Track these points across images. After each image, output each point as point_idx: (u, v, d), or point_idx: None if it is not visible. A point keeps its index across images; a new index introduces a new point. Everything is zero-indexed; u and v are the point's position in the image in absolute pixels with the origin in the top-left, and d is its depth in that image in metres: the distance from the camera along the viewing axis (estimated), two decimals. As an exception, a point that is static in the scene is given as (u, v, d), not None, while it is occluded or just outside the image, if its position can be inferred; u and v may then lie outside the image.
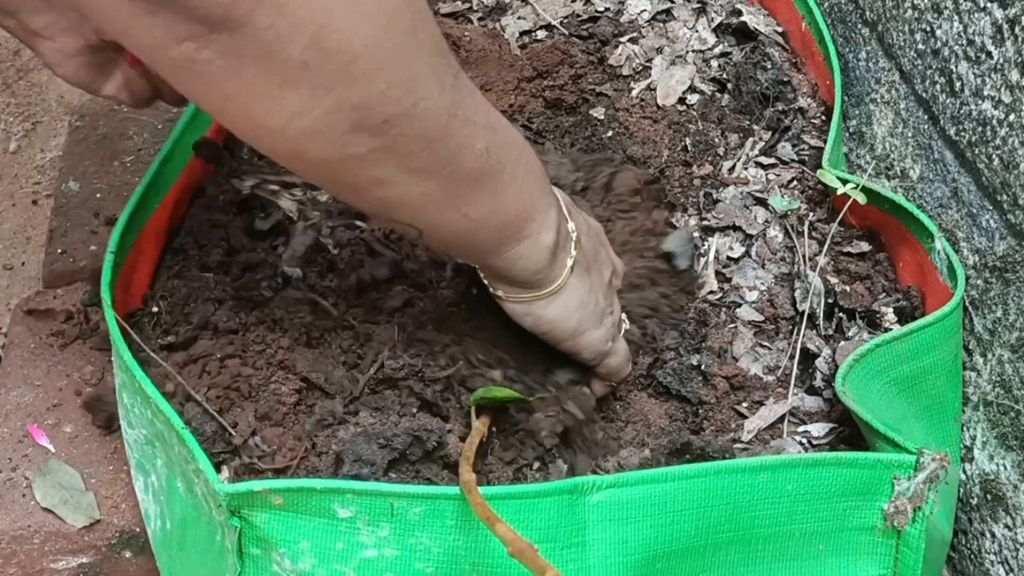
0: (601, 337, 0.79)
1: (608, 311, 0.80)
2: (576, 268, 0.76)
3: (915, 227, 0.88)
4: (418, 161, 0.65)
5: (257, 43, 0.55)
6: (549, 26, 1.17)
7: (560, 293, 0.76)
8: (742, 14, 1.11)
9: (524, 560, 0.59)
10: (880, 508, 0.72)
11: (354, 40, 0.58)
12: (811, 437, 0.83)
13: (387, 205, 0.68)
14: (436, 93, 0.63)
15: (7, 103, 1.41)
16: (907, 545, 0.72)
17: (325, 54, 0.57)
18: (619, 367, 0.83)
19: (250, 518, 0.67)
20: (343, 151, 0.62)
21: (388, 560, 0.66)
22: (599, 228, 0.85)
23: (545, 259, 0.73)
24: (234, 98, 0.59)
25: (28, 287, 1.16)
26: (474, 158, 0.67)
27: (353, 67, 0.58)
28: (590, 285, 0.78)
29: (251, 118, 0.60)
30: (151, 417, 0.74)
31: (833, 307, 0.89)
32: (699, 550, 0.70)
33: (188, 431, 0.70)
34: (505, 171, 0.69)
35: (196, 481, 0.70)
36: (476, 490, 0.64)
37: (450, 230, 0.70)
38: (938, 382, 0.82)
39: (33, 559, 0.88)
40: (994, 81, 0.78)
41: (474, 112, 0.66)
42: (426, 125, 0.63)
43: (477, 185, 0.68)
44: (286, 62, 0.56)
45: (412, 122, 0.62)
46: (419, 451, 0.72)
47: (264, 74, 0.57)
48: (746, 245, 0.95)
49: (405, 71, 0.60)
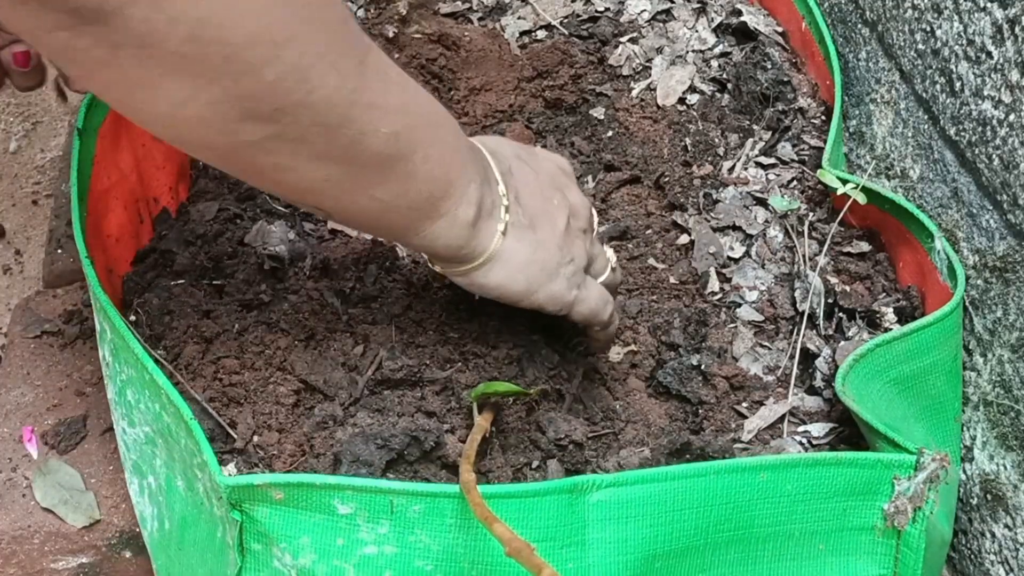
0: (559, 290, 0.75)
1: (566, 260, 0.75)
2: (511, 230, 0.72)
3: (915, 227, 0.88)
4: (316, 148, 0.62)
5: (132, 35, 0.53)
6: (549, 26, 1.17)
7: (496, 260, 0.72)
8: (742, 14, 1.11)
9: (521, 559, 0.59)
10: (880, 508, 0.72)
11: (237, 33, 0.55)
12: (811, 437, 0.83)
13: (289, 189, 0.66)
14: (334, 81, 0.60)
15: (7, 103, 1.41)
16: (907, 545, 0.72)
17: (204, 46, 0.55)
18: (592, 313, 0.78)
19: (251, 512, 0.67)
20: (234, 139, 0.60)
21: (388, 557, 0.67)
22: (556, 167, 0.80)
23: (466, 234, 0.70)
24: (115, 86, 0.57)
25: (28, 287, 1.16)
26: (380, 143, 0.64)
27: (236, 59, 0.56)
28: (536, 241, 0.74)
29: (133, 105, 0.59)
30: (159, 411, 0.74)
31: (833, 307, 0.89)
32: (699, 549, 0.70)
33: (196, 422, 0.70)
34: (416, 153, 0.66)
35: (199, 476, 0.70)
36: (475, 490, 0.64)
37: (358, 212, 0.68)
38: (938, 382, 0.82)
39: (33, 559, 0.88)
40: (994, 81, 0.78)
41: (382, 96, 0.64)
42: (322, 113, 0.61)
43: (384, 169, 0.65)
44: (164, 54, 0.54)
45: (306, 110, 0.60)
46: (417, 451, 0.72)
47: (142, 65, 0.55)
48: (746, 245, 0.95)
49: (297, 61, 0.58)
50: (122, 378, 0.79)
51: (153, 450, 0.77)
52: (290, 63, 0.58)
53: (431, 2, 1.19)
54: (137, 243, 0.94)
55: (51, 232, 1.14)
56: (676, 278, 0.95)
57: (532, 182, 0.76)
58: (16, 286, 1.17)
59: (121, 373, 0.79)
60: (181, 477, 0.74)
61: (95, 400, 0.94)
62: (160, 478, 0.77)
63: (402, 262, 0.86)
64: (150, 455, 0.78)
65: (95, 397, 0.95)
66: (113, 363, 0.81)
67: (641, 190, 1.03)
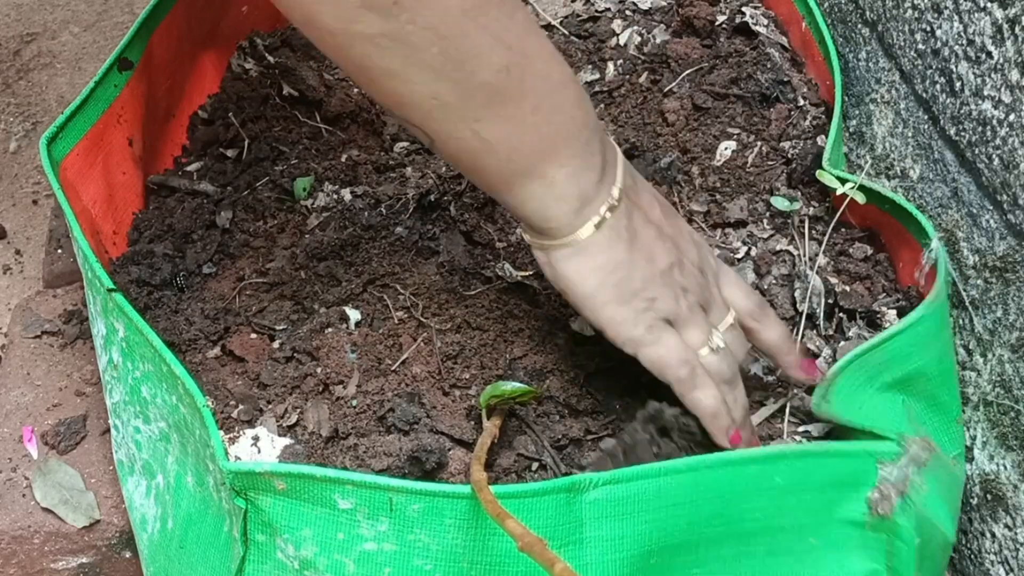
0: (625, 318, 0.73)
1: (647, 295, 0.73)
2: (607, 229, 0.71)
3: (913, 228, 0.88)
4: (428, 56, 0.63)
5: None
6: (549, 26, 1.17)
7: (579, 248, 0.71)
8: (743, 14, 1.11)
9: (533, 554, 0.59)
10: (867, 499, 0.72)
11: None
12: (811, 437, 0.83)
13: (397, 101, 0.66)
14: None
15: (7, 103, 1.41)
16: (900, 538, 0.72)
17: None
18: (662, 363, 0.74)
19: (256, 501, 0.68)
20: (350, 27, 0.61)
21: (387, 554, 0.67)
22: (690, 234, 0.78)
23: (559, 207, 0.69)
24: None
25: (28, 287, 1.16)
26: (491, 72, 0.64)
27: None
28: (628, 257, 0.72)
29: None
30: (176, 403, 0.74)
31: (833, 307, 0.89)
32: (693, 545, 0.70)
33: (208, 410, 0.70)
34: (527, 99, 0.66)
35: (210, 469, 0.71)
36: (487, 488, 0.64)
37: (458, 145, 0.68)
38: (929, 386, 0.81)
39: (33, 559, 0.88)
40: (994, 81, 0.78)
41: (501, 26, 0.64)
42: (438, 18, 0.62)
43: (492, 103, 0.65)
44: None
45: (423, 11, 0.61)
46: (418, 471, 0.73)
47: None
48: (746, 245, 0.95)
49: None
50: (135, 375, 0.79)
51: (167, 447, 0.78)
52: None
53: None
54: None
55: (51, 232, 1.14)
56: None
57: (653, 216, 0.75)
58: (16, 286, 1.17)
59: (135, 371, 0.79)
60: (192, 473, 0.75)
61: (95, 400, 0.95)
62: (170, 476, 0.78)
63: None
64: (163, 452, 0.78)
65: (95, 397, 0.95)
66: (124, 363, 0.81)
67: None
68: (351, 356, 0.81)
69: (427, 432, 0.77)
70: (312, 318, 0.85)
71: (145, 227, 0.97)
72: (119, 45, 0.98)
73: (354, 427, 0.78)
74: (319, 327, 0.84)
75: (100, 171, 0.95)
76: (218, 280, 0.90)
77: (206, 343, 0.86)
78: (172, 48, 1.05)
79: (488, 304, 0.84)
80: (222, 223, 0.95)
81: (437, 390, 0.80)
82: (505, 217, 0.91)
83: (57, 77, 1.44)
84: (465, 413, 0.79)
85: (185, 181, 1.00)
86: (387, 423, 0.78)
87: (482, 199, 0.91)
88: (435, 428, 0.77)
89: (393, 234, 0.89)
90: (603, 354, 0.83)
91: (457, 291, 0.86)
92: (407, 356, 0.81)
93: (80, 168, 0.93)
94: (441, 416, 0.78)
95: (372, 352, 0.82)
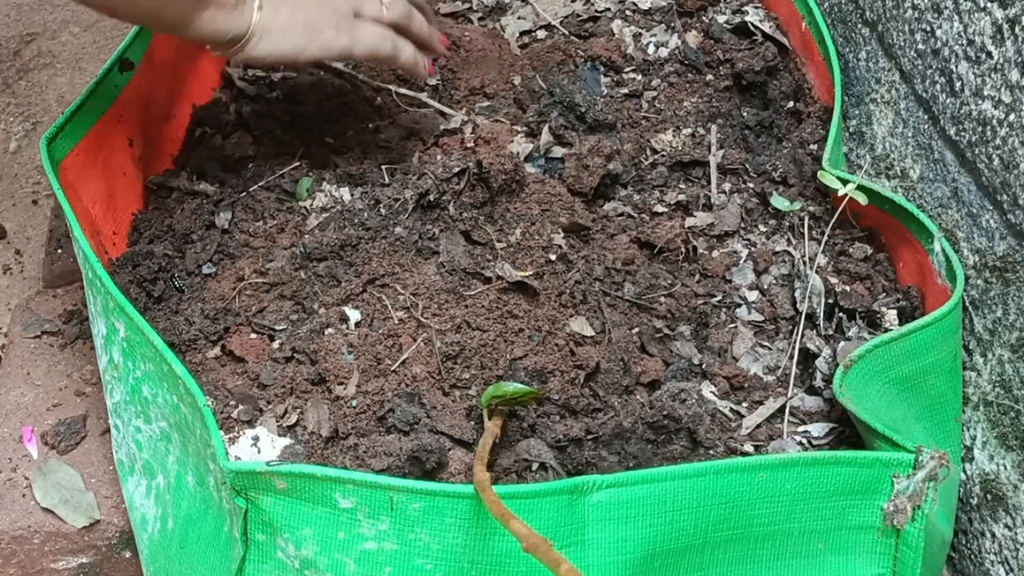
0: (328, 39, 0.88)
1: (328, 12, 0.88)
2: (267, 5, 0.85)
3: (915, 227, 0.88)
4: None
5: None
6: (549, 26, 1.17)
7: (260, 33, 0.85)
8: (743, 14, 1.11)
9: (539, 555, 0.59)
10: (879, 507, 0.72)
11: None
12: (811, 437, 0.83)
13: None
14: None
15: (7, 103, 1.41)
16: (906, 544, 0.72)
17: None
18: (373, 49, 0.91)
19: (256, 501, 0.68)
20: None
21: (388, 554, 0.67)
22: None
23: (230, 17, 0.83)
24: None
25: (28, 287, 1.16)
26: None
27: None
28: (293, 6, 0.86)
29: None
30: (177, 402, 0.74)
31: (833, 307, 0.89)
32: (698, 548, 0.70)
33: (209, 409, 0.71)
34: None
35: (211, 468, 0.71)
36: (490, 488, 0.64)
37: (135, 6, 0.82)
38: (938, 382, 0.82)
39: (33, 559, 0.88)
40: (994, 81, 0.78)
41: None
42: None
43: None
44: None
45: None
46: (418, 471, 0.73)
47: None
48: (747, 246, 0.95)
49: None
50: (136, 375, 0.79)
51: (167, 447, 0.78)
52: None
53: (431, 2, 1.19)
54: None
55: (51, 232, 1.14)
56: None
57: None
58: (16, 286, 1.17)
59: (136, 370, 0.79)
60: (192, 472, 0.75)
61: (95, 400, 0.94)
62: (171, 476, 0.78)
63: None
64: (163, 452, 0.78)
65: (95, 397, 0.95)
66: (124, 362, 0.81)
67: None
68: (348, 357, 0.81)
69: (427, 432, 0.77)
70: (312, 318, 0.85)
71: (145, 227, 0.97)
72: (120, 46, 0.98)
73: (354, 427, 0.78)
74: (319, 327, 0.84)
75: (100, 171, 0.95)
76: (218, 280, 0.90)
77: (206, 343, 0.86)
78: (172, 49, 1.05)
79: (488, 304, 0.84)
80: (222, 223, 0.95)
81: (437, 390, 0.80)
82: (505, 217, 0.91)
83: (57, 77, 1.44)
84: (465, 413, 0.79)
85: (185, 181, 1.00)
86: (387, 423, 0.78)
87: (482, 199, 0.91)
88: (435, 428, 0.77)
89: (392, 234, 0.89)
90: (603, 354, 0.83)
91: (457, 291, 0.86)
92: (407, 356, 0.81)
93: (80, 168, 0.93)
94: (441, 416, 0.78)
95: (372, 352, 0.82)
